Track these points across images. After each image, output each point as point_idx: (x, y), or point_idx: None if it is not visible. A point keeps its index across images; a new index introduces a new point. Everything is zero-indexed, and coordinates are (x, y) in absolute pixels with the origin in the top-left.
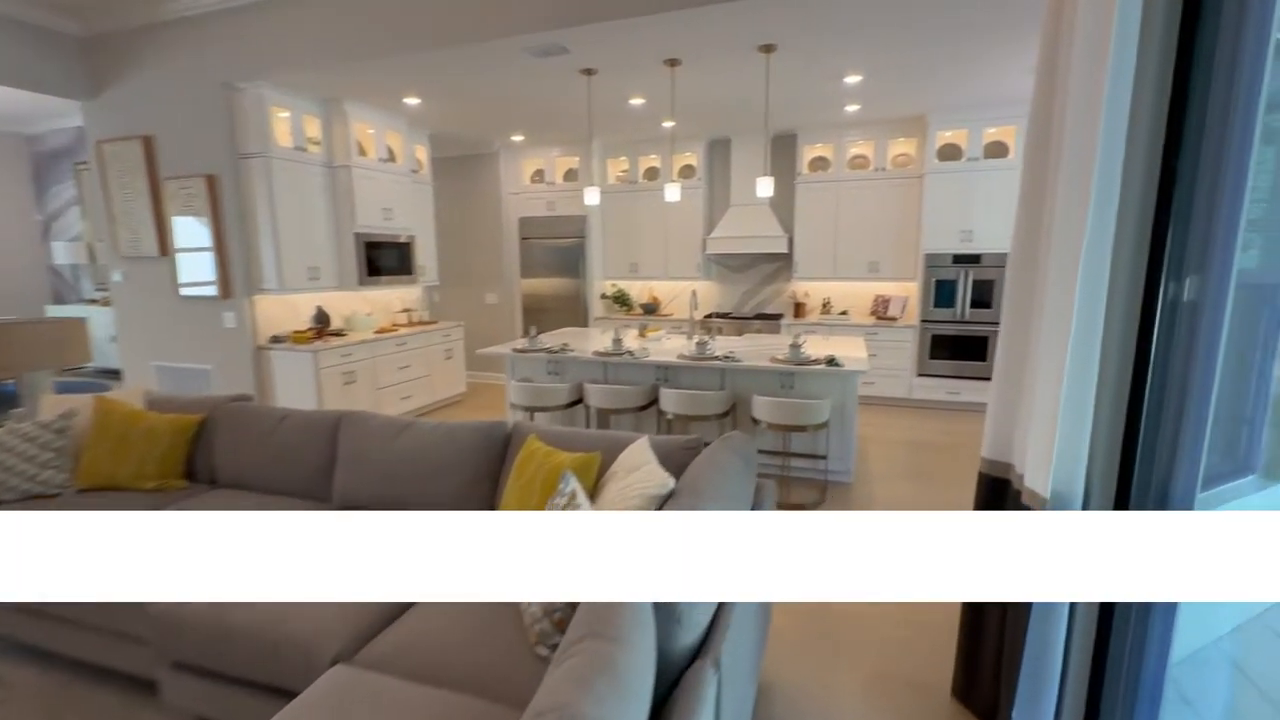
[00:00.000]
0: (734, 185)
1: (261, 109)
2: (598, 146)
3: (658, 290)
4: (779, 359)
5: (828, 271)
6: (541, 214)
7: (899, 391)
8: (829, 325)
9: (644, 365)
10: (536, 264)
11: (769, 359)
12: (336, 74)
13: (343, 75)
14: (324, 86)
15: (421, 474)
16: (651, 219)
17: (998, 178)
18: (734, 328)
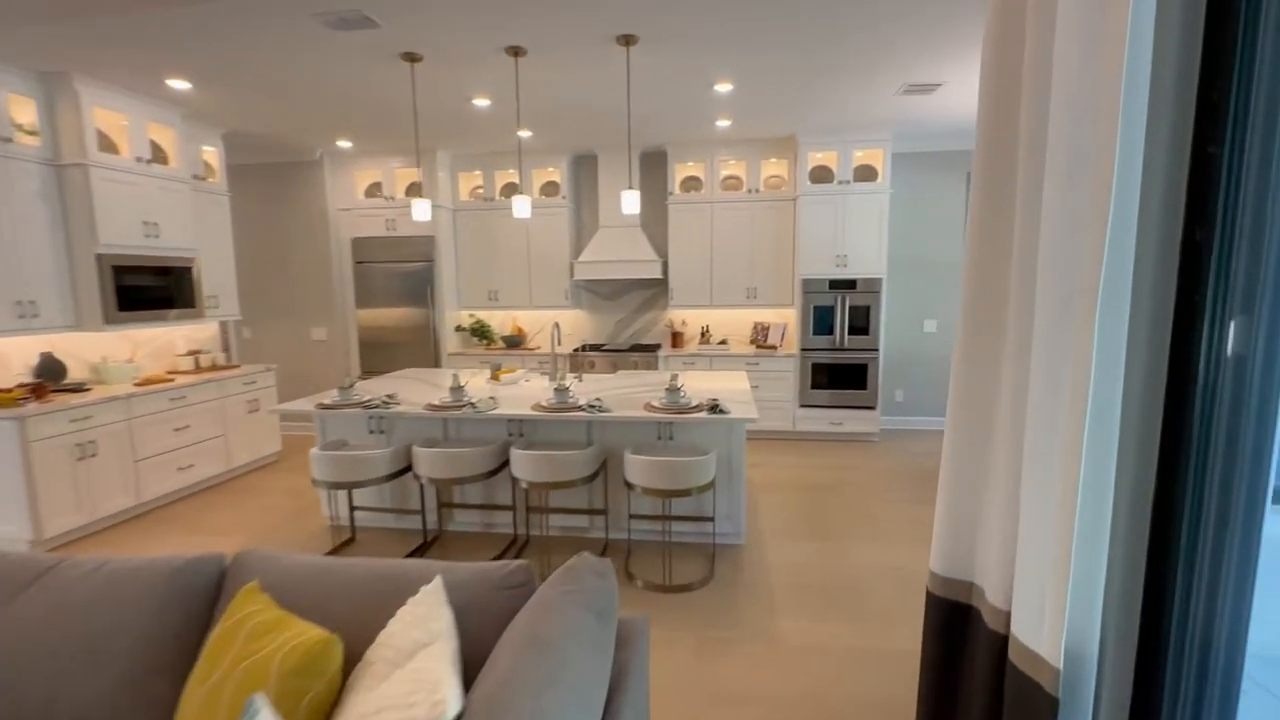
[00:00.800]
0: (602, 205)
1: None
2: (445, 159)
3: (523, 320)
4: (655, 406)
5: (705, 299)
6: (379, 234)
7: (783, 424)
8: (708, 355)
9: (491, 420)
10: (376, 292)
11: (644, 406)
12: (49, 31)
13: (59, 35)
14: (37, 52)
15: (51, 667)
16: (512, 241)
17: (868, 202)
18: (608, 362)
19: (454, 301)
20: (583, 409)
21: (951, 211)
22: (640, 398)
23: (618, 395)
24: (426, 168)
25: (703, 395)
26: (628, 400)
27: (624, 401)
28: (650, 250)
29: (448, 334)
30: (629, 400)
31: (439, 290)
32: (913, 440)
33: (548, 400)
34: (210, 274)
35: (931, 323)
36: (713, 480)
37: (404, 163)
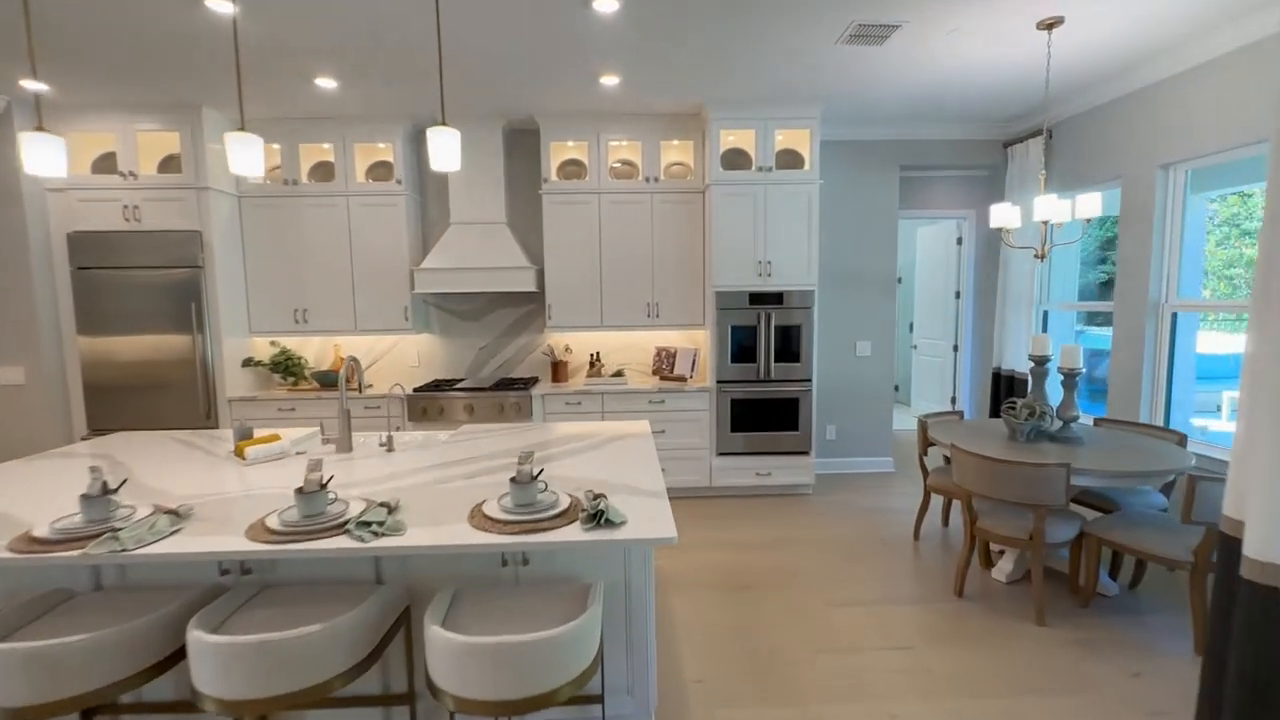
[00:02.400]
0: (454, 194)
1: None
2: (221, 123)
3: (352, 349)
4: (492, 519)
5: (592, 317)
6: (115, 227)
7: (696, 479)
8: (599, 392)
9: (165, 567)
10: (108, 313)
11: (471, 515)
12: None
13: None
14: None
15: None
16: (328, 242)
17: (794, 195)
18: (463, 406)
19: (241, 324)
20: (346, 530)
21: (884, 213)
22: (485, 484)
23: (445, 482)
24: (189, 133)
25: (579, 482)
26: (456, 497)
27: (450, 500)
28: (520, 255)
29: (230, 370)
30: (459, 496)
31: (212, 309)
32: (852, 488)
33: (290, 519)
34: None
35: (865, 344)
36: (597, 659)
37: (158, 124)
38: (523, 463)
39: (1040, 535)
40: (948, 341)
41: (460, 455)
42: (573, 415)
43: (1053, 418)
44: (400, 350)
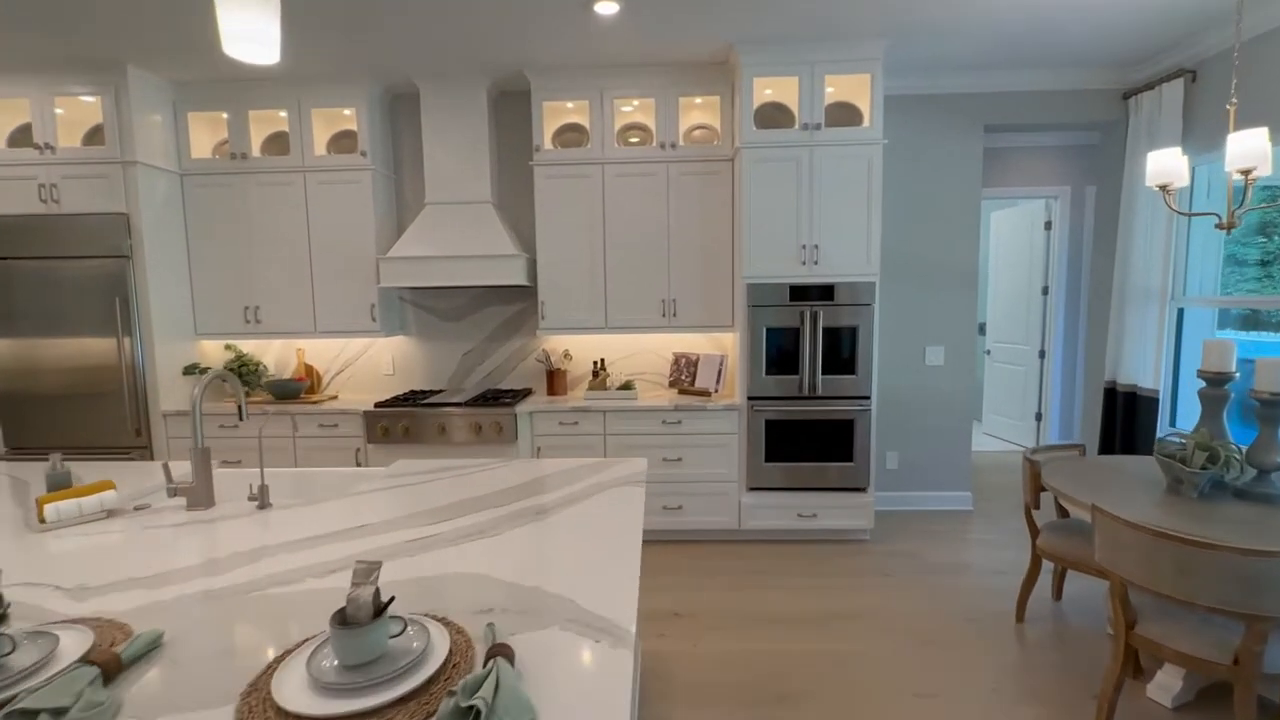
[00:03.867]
0: (429, 169)
1: None
2: (153, 86)
3: (315, 353)
4: (290, 714)
5: (594, 317)
6: (29, 210)
7: (721, 519)
8: (600, 410)
9: None
10: (26, 310)
11: (255, 683)
12: None
13: None
14: None
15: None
16: (281, 226)
17: (850, 159)
18: (433, 426)
19: (185, 325)
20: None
21: (964, 185)
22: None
23: (292, 581)
24: (112, 96)
25: (492, 589)
26: (281, 622)
27: (264, 631)
28: (508, 241)
29: (168, 380)
30: (287, 618)
31: (143, 306)
32: (921, 534)
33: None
34: None
35: (936, 351)
36: None
37: (78, 87)
38: (359, 581)
39: (1256, 661)
40: (1031, 346)
41: (361, 517)
42: (567, 438)
43: (1241, 465)
44: (373, 356)
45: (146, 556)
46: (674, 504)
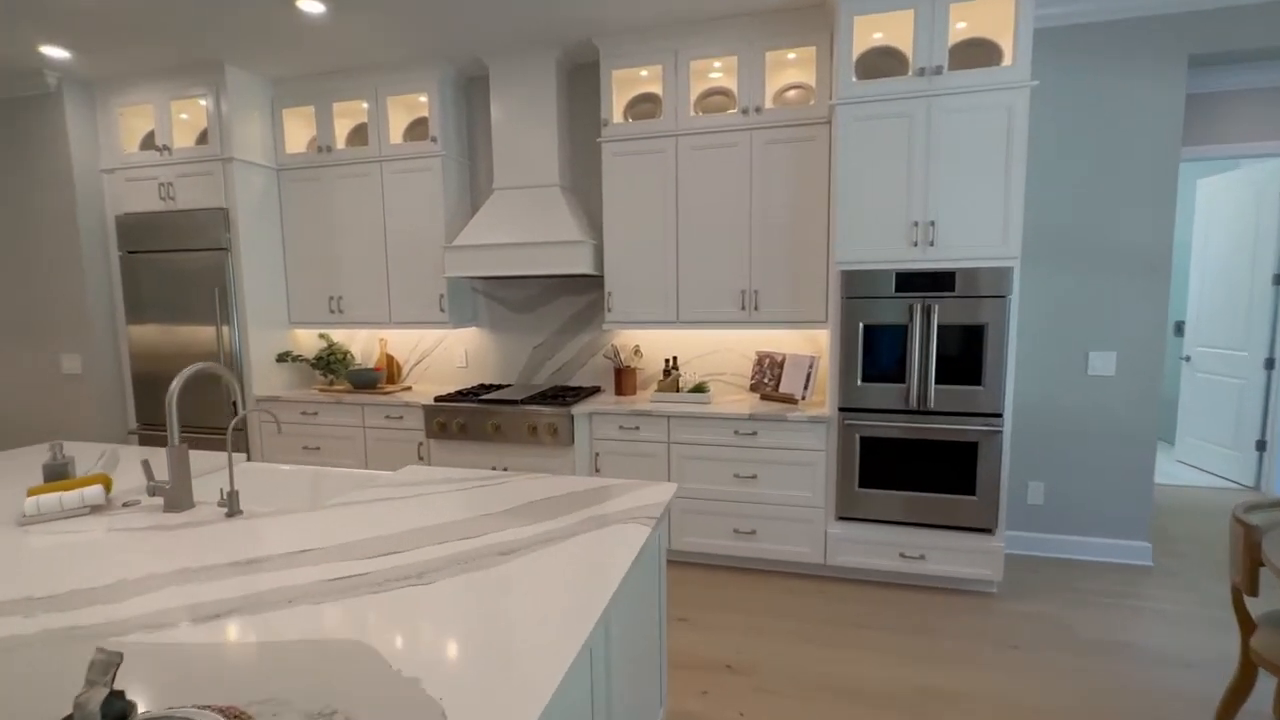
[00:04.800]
0: (498, 152)
1: None
2: (252, 86)
3: (396, 343)
4: None
5: (664, 309)
6: (153, 207)
7: (803, 549)
8: (663, 414)
9: None
10: (151, 300)
11: None
12: None
13: None
14: None
15: None
16: (360, 216)
17: (983, 110)
18: (490, 424)
19: (280, 314)
20: None
21: (1154, 137)
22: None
23: (160, 627)
24: (214, 96)
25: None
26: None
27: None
28: (573, 226)
29: (262, 366)
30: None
31: (239, 296)
32: (1072, 593)
33: None
34: None
35: (1105, 357)
36: None
37: (185, 90)
38: (92, 680)
39: None
40: (1254, 353)
41: (310, 539)
42: (626, 444)
43: None
44: (448, 348)
45: (80, 566)
46: (746, 528)
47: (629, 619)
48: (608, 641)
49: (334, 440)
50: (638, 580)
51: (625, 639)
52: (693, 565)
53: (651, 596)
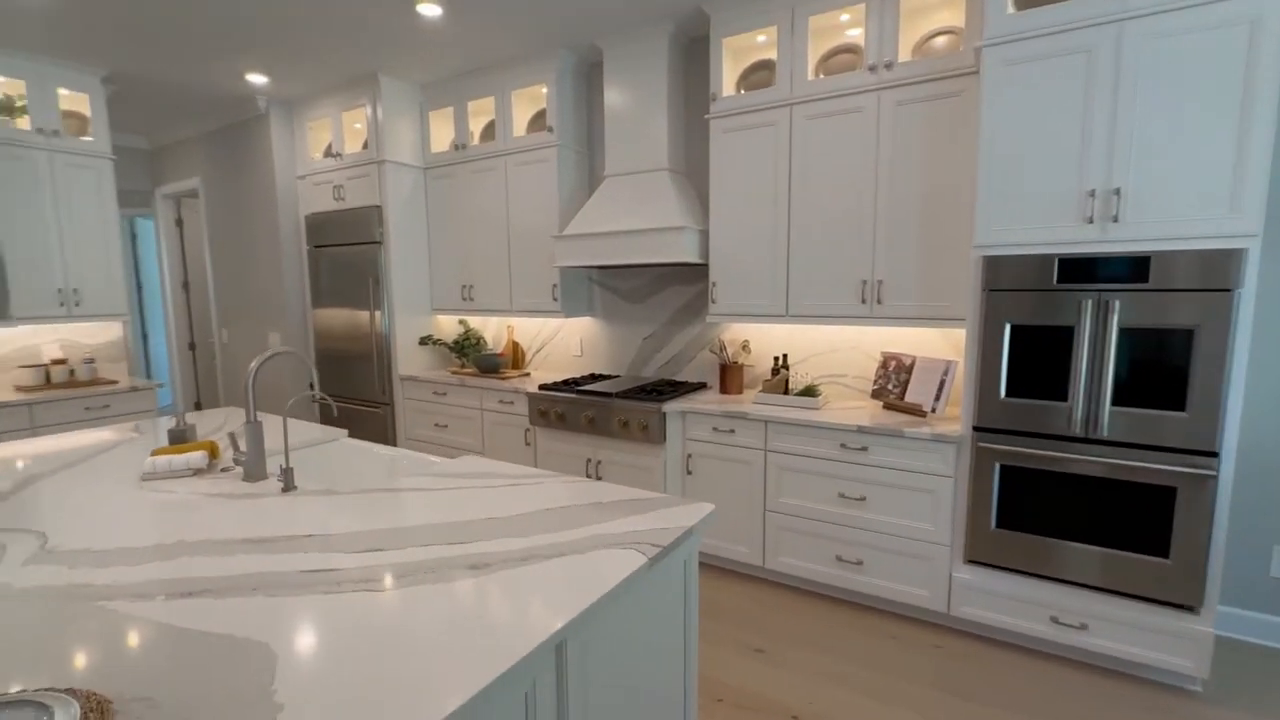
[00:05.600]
0: (609, 137)
1: None
2: (402, 93)
3: (522, 331)
4: None
5: (772, 301)
6: (329, 207)
7: (918, 593)
8: (761, 418)
9: None
10: (324, 287)
11: None
12: None
13: None
14: None
15: None
16: (488, 209)
17: (1209, 31)
18: (585, 417)
19: (423, 301)
20: None
21: None
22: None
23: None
24: (370, 104)
25: None
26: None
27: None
28: (675, 211)
29: (406, 348)
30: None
31: (387, 285)
32: None
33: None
34: (71, 262)
35: None
36: None
37: (349, 101)
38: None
39: None
40: None
41: (333, 523)
42: (719, 447)
43: None
44: (565, 337)
45: (133, 524)
46: (851, 556)
47: (616, 653)
48: (561, 678)
49: (458, 420)
50: (631, 610)
51: (609, 675)
52: (785, 589)
53: (667, 628)
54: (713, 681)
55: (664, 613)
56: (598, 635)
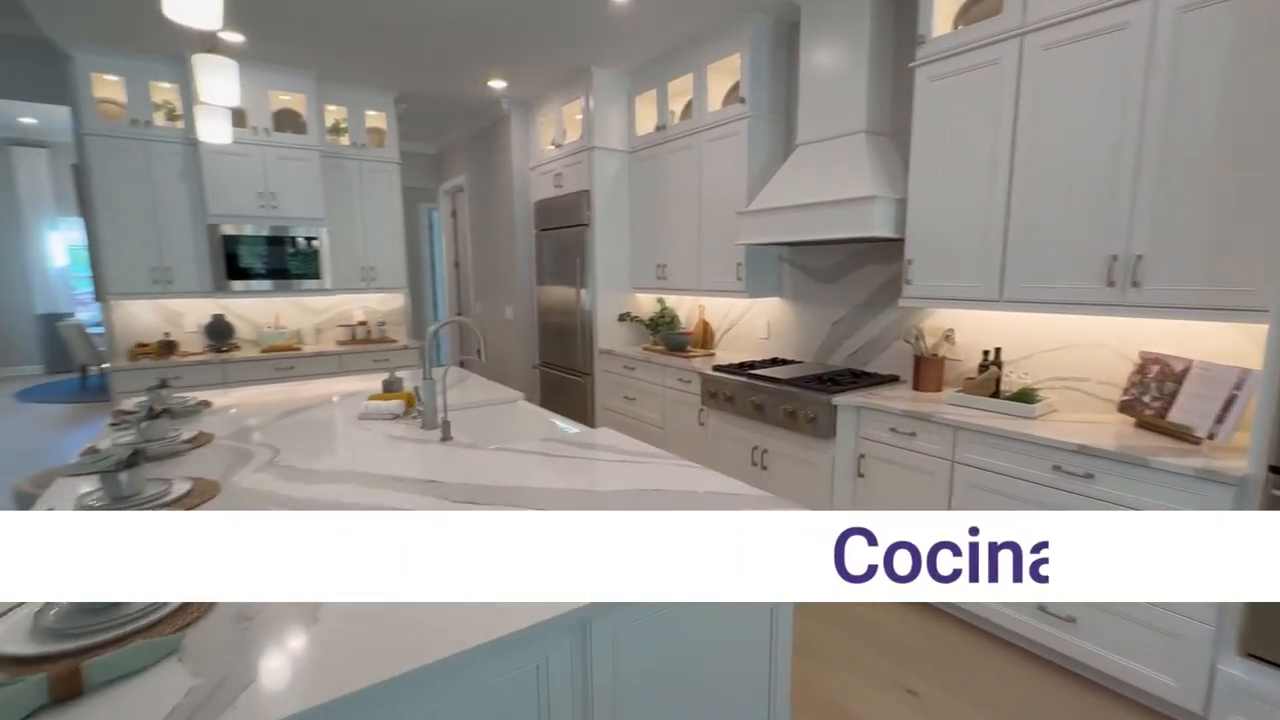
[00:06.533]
0: (803, 102)
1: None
2: (613, 82)
3: (714, 310)
4: None
5: (983, 283)
6: (550, 194)
7: (1163, 682)
8: (950, 422)
9: None
10: (544, 268)
11: None
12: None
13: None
14: (177, 37)
15: None
16: (681, 188)
17: None
18: (750, 400)
19: (624, 280)
20: None
21: None
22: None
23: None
24: (586, 98)
25: None
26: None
27: None
28: (868, 178)
29: (606, 323)
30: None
31: (591, 263)
32: None
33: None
34: (370, 245)
35: None
36: None
37: (577, 93)
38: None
39: None
40: None
41: (459, 474)
42: (897, 451)
43: None
44: (752, 318)
45: (333, 450)
46: (1060, 610)
47: (656, 642)
48: (586, 668)
49: (645, 395)
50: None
51: (644, 661)
52: (968, 628)
53: (738, 631)
54: (843, 712)
55: (736, 617)
56: (624, 619)
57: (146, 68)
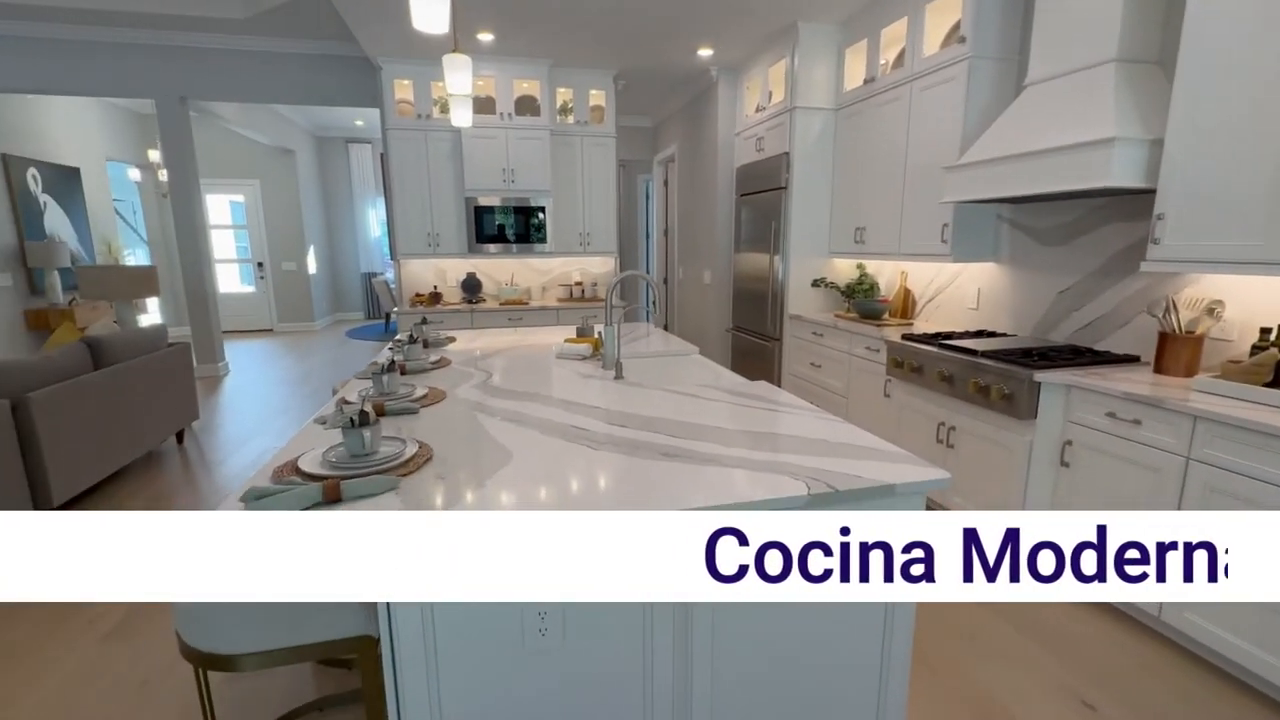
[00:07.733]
0: (1036, 33)
1: (388, 80)
2: (819, 35)
3: (916, 277)
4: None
5: (1267, 242)
6: (752, 159)
7: None
8: (1189, 411)
9: None
10: (744, 234)
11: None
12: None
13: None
14: (428, 45)
15: None
16: (885, 143)
17: None
18: (938, 372)
19: (820, 244)
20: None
21: None
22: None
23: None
24: (791, 56)
25: None
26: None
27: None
28: (1110, 117)
29: (798, 289)
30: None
31: (785, 228)
32: None
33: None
34: (588, 214)
35: None
36: None
37: (783, 52)
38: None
39: None
40: None
41: (633, 405)
42: (1115, 441)
43: None
44: (960, 285)
45: (534, 378)
46: None
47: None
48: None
49: (830, 362)
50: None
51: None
52: (1185, 655)
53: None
54: (1005, 713)
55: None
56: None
57: (428, 70)
